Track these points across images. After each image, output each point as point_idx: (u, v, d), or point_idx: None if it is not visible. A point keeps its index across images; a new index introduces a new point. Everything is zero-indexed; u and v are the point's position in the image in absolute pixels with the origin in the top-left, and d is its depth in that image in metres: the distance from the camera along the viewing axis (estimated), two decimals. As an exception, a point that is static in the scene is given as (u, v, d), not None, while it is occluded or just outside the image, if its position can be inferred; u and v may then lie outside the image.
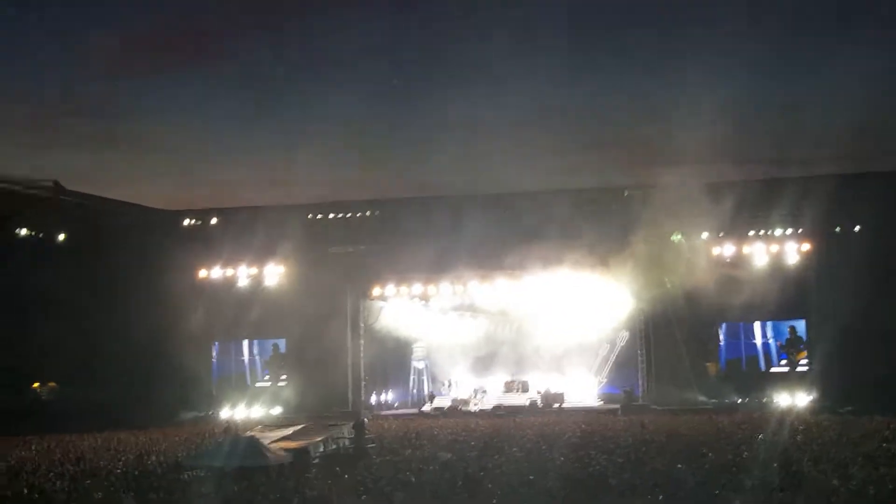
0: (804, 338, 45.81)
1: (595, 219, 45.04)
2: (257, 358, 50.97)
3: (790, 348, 46.34)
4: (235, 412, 46.55)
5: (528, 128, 48.27)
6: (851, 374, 40.39)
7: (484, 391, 49.73)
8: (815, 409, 39.97)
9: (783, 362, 46.38)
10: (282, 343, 50.26)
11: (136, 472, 26.61)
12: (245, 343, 50.75)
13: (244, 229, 47.50)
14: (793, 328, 46.35)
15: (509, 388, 49.70)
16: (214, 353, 50.46)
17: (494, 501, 19.50)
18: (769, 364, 46.65)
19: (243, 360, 50.88)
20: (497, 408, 46.85)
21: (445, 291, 47.91)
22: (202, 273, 48.54)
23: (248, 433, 30.26)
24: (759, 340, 47.10)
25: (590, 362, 50.28)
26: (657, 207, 41.20)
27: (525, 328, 50.58)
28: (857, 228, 43.97)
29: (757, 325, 46.82)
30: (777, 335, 47.01)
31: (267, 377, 50.19)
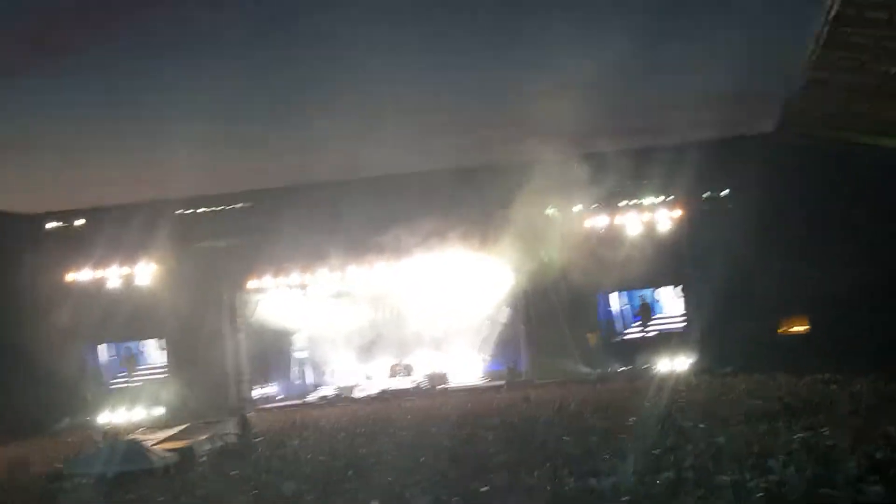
0: (651, 304, 47.32)
1: (471, 197, 45.25)
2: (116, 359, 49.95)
3: (643, 313, 47.53)
4: (114, 416, 45.52)
5: (404, 110, 48.03)
6: (728, 336, 41.41)
7: (369, 377, 49.55)
8: (695, 372, 40.92)
9: (636, 325, 47.55)
10: (152, 343, 49.34)
11: (12, 486, 25.91)
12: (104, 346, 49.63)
13: (113, 229, 46.29)
14: (642, 297, 47.71)
15: (394, 372, 49.60)
16: (94, 357, 49.27)
17: (388, 480, 19.49)
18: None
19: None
20: (383, 392, 46.76)
21: (324, 279, 47.58)
22: (70, 276, 47.27)
23: (130, 436, 29.73)
24: (616, 308, 48.16)
25: (473, 341, 50.38)
26: (531, 183, 41.52)
27: (406, 311, 50.46)
28: (724, 193, 45.09)
29: (614, 294, 47.78)
30: (631, 302, 48.22)
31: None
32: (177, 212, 48.52)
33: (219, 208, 50.12)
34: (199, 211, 49.82)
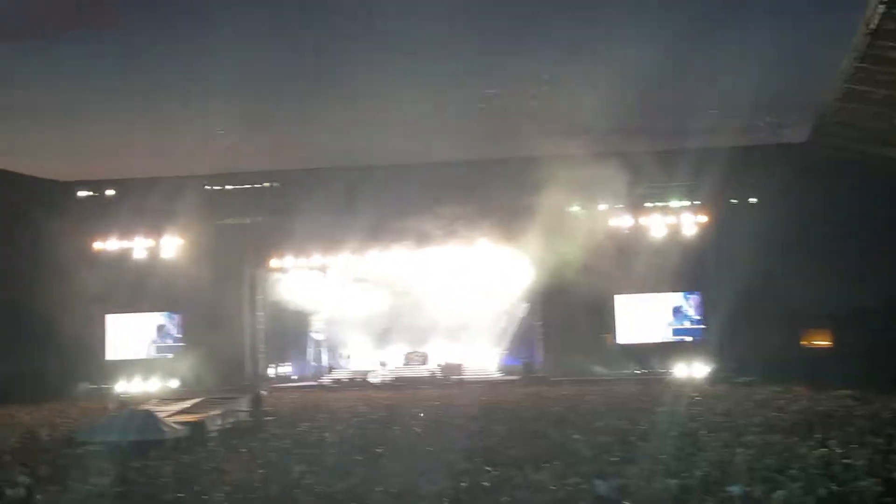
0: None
1: (495, 189, 45.22)
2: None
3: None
4: (130, 385, 45.83)
5: (431, 97, 47.88)
6: (747, 344, 41.22)
7: (384, 363, 49.65)
8: (712, 379, 40.73)
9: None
10: (176, 316, 49.60)
11: (30, 447, 26.12)
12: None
13: (141, 201, 46.69)
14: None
15: (409, 359, 49.74)
16: (111, 326, 49.66)
17: (398, 468, 19.50)
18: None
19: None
20: (397, 380, 46.85)
21: (344, 262, 47.71)
22: (97, 245, 47.72)
23: (144, 407, 29.85)
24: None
25: (489, 334, 50.45)
26: (556, 178, 41.39)
27: (425, 300, 50.52)
28: (752, 200, 44.78)
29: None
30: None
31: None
32: (205, 187, 48.78)
33: (246, 186, 50.32)
34: (226, 188, 50.05)
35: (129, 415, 27.39)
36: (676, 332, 46.59)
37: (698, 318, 46.14)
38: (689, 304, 46.71)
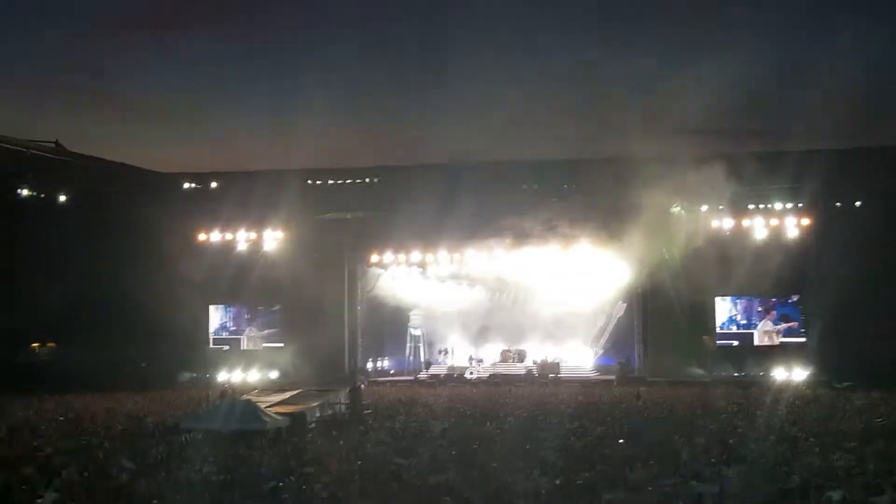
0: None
1: (596, 189, 45.00)
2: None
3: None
4: (232, 375, 46.77)
5: (530, 96, 47.97)
6: (849, 349, 40.46)
7: (480, 360, 49.82)
8: (812, 384, 40.06)
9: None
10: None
11: (135, 433, 26.79)
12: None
13: (244, 194, 47.50)
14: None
15: (505, 357, 49.82)
16: (217, 317, 50.82)
17: (494, 466, 19.60)
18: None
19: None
20: (493, 377, 47.02)
21: (443, 259, 48.00)
22: (201, 236, 48.75)
23: (245, 397, 30.41)
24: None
25: (586, 333, 50.27)
26: (658, 178, 41.05)
27: (522, 297, 50.55)
28: (857, 204, 43.84)
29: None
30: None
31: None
32: (307, 181, 49.46)
33: (347, 181, 50.89)
34: (328, 182, 50.68)
35: (232, 404, 27.96)
36: (777, 335, 45.68)
37: (799, 322, 45.23)
38: (791, 308, 45.76)
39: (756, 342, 45.82)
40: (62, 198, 46.24)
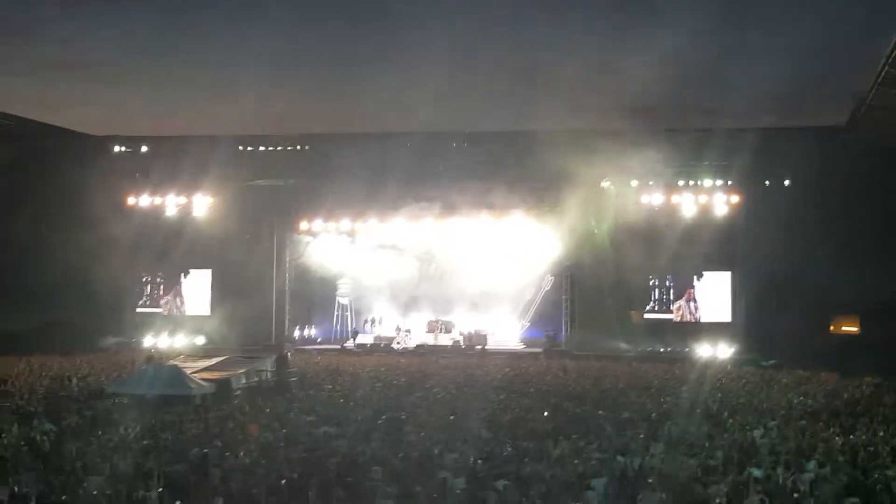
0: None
1: (525, 161, 44.96)
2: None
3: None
4: (158, 341, 46.27)
5: (463, 67, 47.69)
6: (775, 327, 41.02)
7: (408, 330, 49.74)
8: (737, 361, 40.56)
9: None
10: (207, 273, 49.96)
11: (59, 397, 26.47)
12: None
13: (174, 158, 47.06)
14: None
15: (433, 327, 49.77)
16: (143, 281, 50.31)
17: (420, 435, 19.60)
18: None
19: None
20: (420, 347, 47.02)
21: (373, 229, 47.82)
22: (130, 200, 48.14)
23: (171, 362, 30.14)
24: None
25: (514, 305, 50.44)
26: (589, 153, 41.16)
27: (451, 269, 50.54)
28: (786, 183, 44.39)
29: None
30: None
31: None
32: (238, 147, 48.96)
33: (277, 148, 50.43)
34: (259, 149, 50.19)
35: (157, 369, 27.69)
36: (703, 311, 46.19)
37: (726, 298, 45.74)
38: (718, 284, 46.23)
39: (673, 319, 46.34)
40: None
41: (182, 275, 50.36)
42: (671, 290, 46.66)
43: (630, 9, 48.47)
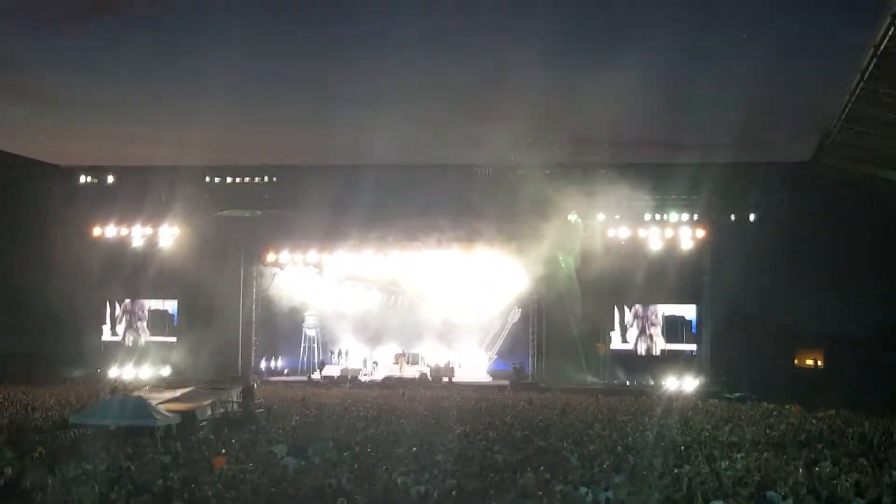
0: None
1: (491, 195, 45.20)
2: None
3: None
4: (123, 371, 45.92)
5: (428, 100, 48.07)
6: (740, 360, 41.34)
7: (375, 362, 49.68)
8: (702, 394, 40.76)
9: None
10: (174, 304, 49.75)
11: (22, 427, 26.23)
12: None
13: (140, 188, 46.96)
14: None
15: (399, 360, 49.69)
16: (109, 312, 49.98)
17: (384, 467, 19.54)
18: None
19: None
20: (387, 379, 46.89)
21: (340, 260, 47.81)
22: (96, 230, 47.91)
23: (136, 393, 29.94)
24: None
25: (481, 338, 50.48)
26: (555, 187, 41.44)
27: (418, 301, 50.58)
28: (752, 217, 44.80)
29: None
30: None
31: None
32: (205, 178, 48.98)
33: (244, 179, 50.46)
34: (226, 180, 50.21)
35: (122, 400, 27.49)
36: (670, 344, 46.35)
37: (692, 332, 46.01)
38: (684, 318, 46.49)
39: (639, 352, 46.53)
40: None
41: (148, 305, 50.14)
42: (637, 323, 46.86)
43: (594, 43, 49.13)
